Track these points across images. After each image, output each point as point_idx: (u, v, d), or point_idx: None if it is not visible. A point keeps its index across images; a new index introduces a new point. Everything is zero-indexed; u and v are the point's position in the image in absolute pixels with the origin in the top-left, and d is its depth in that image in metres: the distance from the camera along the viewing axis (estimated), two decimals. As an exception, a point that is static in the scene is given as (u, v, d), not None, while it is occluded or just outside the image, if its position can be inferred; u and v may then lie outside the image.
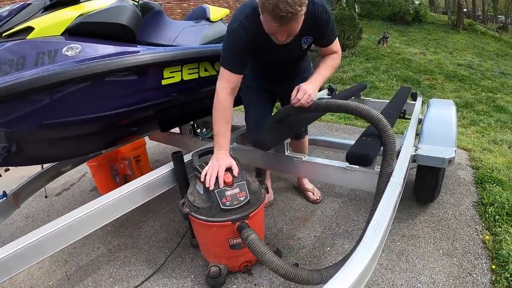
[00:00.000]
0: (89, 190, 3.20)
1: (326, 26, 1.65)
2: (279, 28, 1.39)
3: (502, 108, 6.46)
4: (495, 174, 2.91)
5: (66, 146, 1.78)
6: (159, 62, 1.75)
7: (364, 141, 1.62)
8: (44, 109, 1.47)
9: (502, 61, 14.83)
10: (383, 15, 21.77)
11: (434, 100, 2.79)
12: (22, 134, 1.50)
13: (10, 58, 1.41)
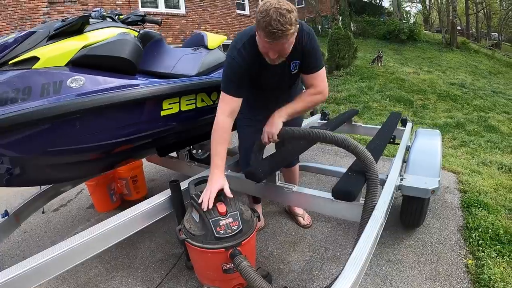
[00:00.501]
0: (86, 208, 3.25)
1: (313, 52, 1.78)
2: (271, 45, 1.54)
3: (493, 128, 6.54)
4: (482, 197, 3.00)
5: (68, 170, 1.86)
6: (159, 95, 1.85)
7: (350, 176, 1.72)
8: (50, 137, 1.55)
9: (494, 79, 15.07)
10: (378, 33, 22.11)
11: (421, 129, 2.89)
12: (27, 159, 1.57)
13: (16, 87, 1.47)
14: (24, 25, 8.40)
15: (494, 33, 39.20)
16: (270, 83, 1.93)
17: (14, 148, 1.51)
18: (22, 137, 1.48)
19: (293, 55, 1.72)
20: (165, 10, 11.90)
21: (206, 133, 2.61)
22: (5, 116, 1.39)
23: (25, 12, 8.46)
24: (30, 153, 1.55)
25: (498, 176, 3.68)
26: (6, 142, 1.47)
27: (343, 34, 11.15)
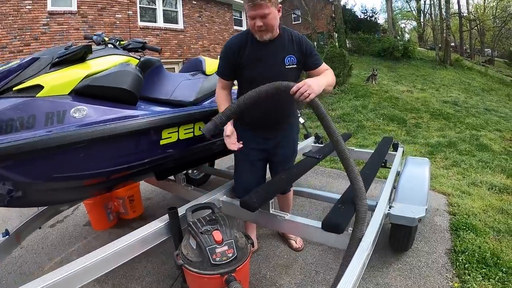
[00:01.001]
0: (82, 225, 3.31)
1: (308, 45, 2.01)
2: (254, 11, 1.76)
3: (485, 146, 6.59)
4: (471, 219, 3.08)
5: (69, 193, 1.95)
6: (158, 125, 1.94)
7: (339, 209, 1.81)
8: (54, 164, 1.61)
9: (487, 96, 15.24)
10: (373, 51, 22.35)
11: (411, 158, 2.98)
12: (31, 184, 1.63)
13: (21, 115, 1.53)
14: (23, 35, 8.49)
15: (487, 49, 39.77)
16: (260, 72, 1.97)
17: (19, 174, 1.56)
18: (27, 163, 1.54)
19: (287, 48, 1.95)
20: (163, 25, 12.09)
21: (203, 158, 2.71)
22: (11, 144, 1.44)
23: (25, 22, 8.54)
24: (34, 179, 1.61)
25: (488, 197, 3.75)
26: (11, 168, 1.53)
27: (338, 52, 11.36)
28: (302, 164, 2.57)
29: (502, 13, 34.38)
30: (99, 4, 10.14)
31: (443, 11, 24.81)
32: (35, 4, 8.70)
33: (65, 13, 9.34)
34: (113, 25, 10.47)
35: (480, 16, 35.70)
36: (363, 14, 30.49)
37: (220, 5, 14.58)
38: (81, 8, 9.71)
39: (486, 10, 37.30)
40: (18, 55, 8.29)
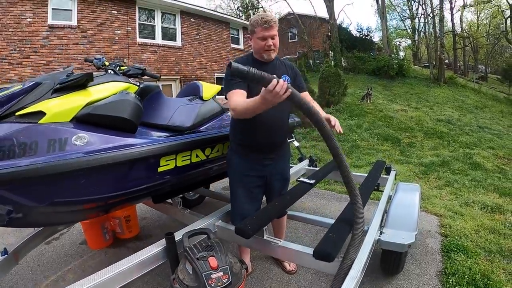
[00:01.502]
0: (78, 243, 3.33)
1: (295, 69, 2.30)
2: (267, 32, 2.01)
3: (478, 165, 6.66)
4: (462, 241, 3.12)
5: (68, 216, 2.00)
6: (157, 154, 2.00)
7: (330, 237, 1.86)
8: (55, 190, 1.66)
9: (480, 113, 15.44)
10: (368, 69, 22.63)
11: (402, 184, 3.03)
12: (33, 207, 1.68)
13: (24, 141, 1.58)
14: (23, 47, 8.58)
15: (481, 65, 40.23)
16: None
17: (21, 198, 1.61)
18: (29, 188, 1.59)
19: (283, 69, 2.21)
20: (161, 42, 12.23)
21: (199, 182, 2.76)
22: (14, 170, 1.49)
23: (25, 34, 8.65)
24: (36, 203, 1.66)
25: (480, 217, 3.80)
26: (14, 192, 1.58)
27: (334, 72, 11.55)
28: (296, 190, 2.63)
29: (495, 30, 35.09)
30: (99, 19, 10.30)
31: (437, 29, 25.22)
32: (35, 17, 8.84)
33: (65, 27, 9.49)
34: (112, 40, 10.61)
35: (474, 33, 36.21)
36: (358, 32, 31.12)
37: (218, 23, 14.80)
38: (81, 23, 9.87)
39: (479, 28, 37.87)
40: (17, 67, 8.44)
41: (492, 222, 3.65)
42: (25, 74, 8.58)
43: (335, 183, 5.06)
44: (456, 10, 34.69)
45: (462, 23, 37.65)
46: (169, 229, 2.11)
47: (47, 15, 9.11)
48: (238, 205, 2.30)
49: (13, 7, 8.45)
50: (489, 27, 36.77)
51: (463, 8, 34.30)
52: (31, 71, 8.71)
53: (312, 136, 9.14)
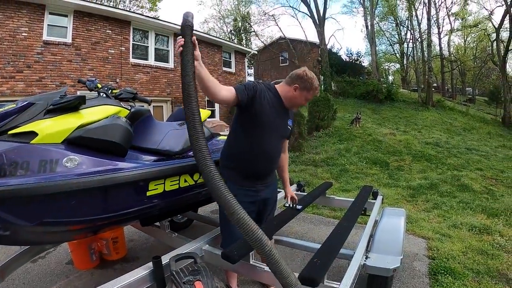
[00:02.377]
0: (65, 263, 3.29)
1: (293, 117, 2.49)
2: (310, 94, 2.27)
3: (466, 187, 6.70)
4: (450, 263, 3.14)
5: (57, 236, 1.99)
6: (146, 178, 2.03)
7: (315, 263, 1.89)
8: (44, 210, 1.67)
9: (468, 135, 15.64)
10: (358, 93, 22.94)
11: (388, 208, 3.07)
12: (22, 226, 1.68)
13: (15, 160, 1.62)
14: (17, 61, 8.58)
15: (469, 88, 41.06)
16: (275, 125, 2.25)
17: (10, 216, 1.61)
18: (19, 207, 1.60)
19: (290, 114, 2.43)
20: (154, 63, 12.33)
21: (187, 206, 2.77)
22: (3, 188, 1.51)
23: (20, 48, 8.67)
24: (25, 222, 1.66)
25: (468, 239, 3.83)
26: (3, 210, 1.57)
27: (323, 96, 11.73)
28: (284, 215, 2.65)
29: (481, 53, 35.96)
30: (93, 38, 10.39)
31: (425, 53, 25.86)
32: (31, 32, 8.90)
33: (59, 44, 9.54)
34: (105, 59, 10.66)
35: (461, 57, 36.97)
36: (348, 57, 31.65)
37: (210, 46, 14.99)
38: (76, 40, 9.93)
39: (466, 51, 38.73)
40: (10, 80, 8.44)
41: (480, 243, 3.69)
42: (17, 88, 8.58)
43: (323, 207, 5.07)
44: (444, 35, 35.63)
45: (449, 47, 38.68)
46: (157, 252, 2.12)
47: (43, 30, 9.18)
48: (230, 230, 2.28)
49: (9, 21, 8.52)
50: (476, 51, 37.72)
51: (450, 33, 35.37)
52: (23, 86, 8.71)
53: (301, 160, 9.21)
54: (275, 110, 2.20)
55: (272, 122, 2.20)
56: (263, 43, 32.80)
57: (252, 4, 33.79)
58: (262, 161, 2.24)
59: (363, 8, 30.22)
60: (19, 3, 8.69)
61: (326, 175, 7.80)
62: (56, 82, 9.34)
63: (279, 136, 2.35)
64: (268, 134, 2.21)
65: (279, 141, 2.38)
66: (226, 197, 1.58)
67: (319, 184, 4.04)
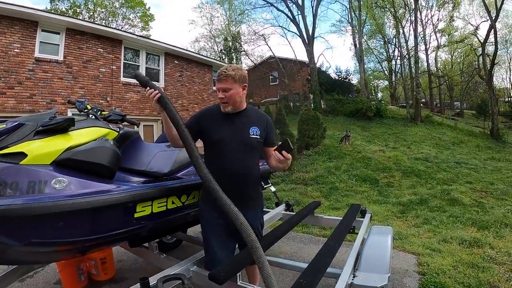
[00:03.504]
0: (53, 283, 3.28)
1: (270, 123, 2.31)
2: (218, 85, 2.13)
3: (455, 200, 6.77)
4: (441, 277, 3.17)
5: (44, 256, 2.00)
6: (133, 200, 2.05)
7: (301, 283, 1.90)
8: (32, 230, 1.68)
9: (457, 149, 15.81)
10: (347, 111, 23.13)
11: (375, 227, 3.08)
12: (9, 246, 1.68)
13: (3, 181, 1.64)
14: (8, 77, 8.55)
15: (457, 102, 41.92)
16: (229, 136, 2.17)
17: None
18: (7, 227, 1.61)
19: (252, 120, 2.22)
20: (145, 82, 12.29)
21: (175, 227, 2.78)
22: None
23: (12, 64, 8.65)
24: (12, 242, 1.67)
25: (458, 253, 3.85)
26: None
27: (313, 115, 11.79)
28: (271, 235, 2.66)
29: (468, 68, 36.87)
30: (85, 56, 10.42)
31: (413, 70, 26.29)
32: (23, 48, 8.92)
33: (51, 61, 9.55)
34: (96, 78, 10.66)
35: (448, 72, 37.79)
36: (337, 75, 31.91)
37: (201, 65, 15.11)
38: (67, 58, 9.95)
39: (453, 66, 39.66)
40: (1, 97, 8.40)
41: (470, 256, 3.71)
42: (8, 104, 8.55)
43: (313, 226, 5.06)
44: (431, 51, 36.28)
45: (437, 63, 39.54)
46: (145, 273, 2.13)
47: (35, 47, 9.20)
48: (210, 251, 2.26)
49: (1, 36, 8.54)
50: (462, 65, 38.66)
51: (437, 49, 36.05)
52: (14, 102, 8.68)
53: (291, 179, 9.21)
54: (226, 123, 2.20)
55: (225, 133, 2.18)
56: (253, 62, 33.20)
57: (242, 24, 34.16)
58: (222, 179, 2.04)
59: (351, 27, 30.90)
60: (12, 19, 8.74)
61: (316, 193, 7.81)
62: (47, 99, 9.33)
63: (241, 148, 2.18)
64: (226, 149, 2.17)
65: (245, 153, 2.19)
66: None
67: (309, 203, 4.06)
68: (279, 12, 28.61)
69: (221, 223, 2.21)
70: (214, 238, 2.26)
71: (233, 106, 2.17)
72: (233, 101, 2.15)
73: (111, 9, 34.62)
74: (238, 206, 1.99)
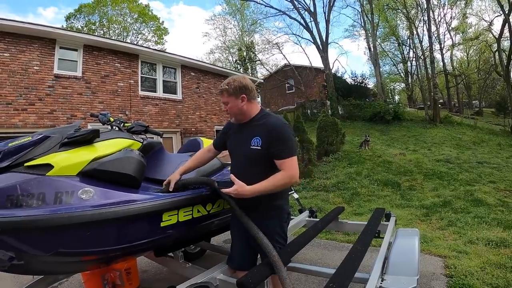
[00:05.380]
0: (78, 293, 3.25)
1: (276, 134, 2.07)
2: (221, 99, 2.19)
3: (479, 201, 6.62)
4: (468, 279, 3.10)
5: (71, 266, 2.04)
6: (159, 209, 2.06)
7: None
8: (59, 240, 1.71)
9: (478, 148, 15.51)
10: (365, 116, 23.03)
11: (401, 229, 3.05)
12: (37, 256, 1.72)
13: (31, 192, 1.67)
14: (29, 94, 8.73)
15: (475, 101, 41.00)
16: (233, 146, 2.30)
17: (25, 246, 1.66)
18: (35, 238, 1.65)
19: (255, 130, 2.14)
20: (163, 95, 12.43)
21: (201, 236, 2.78)
22: (20, 219, 1.57)
23: (32, 81, 8.83)
24: (39, 252, 1.70)
25: (485, 254, 3.77)
26: (19, 240, 1.63)
27: (331, 121, 11.79)
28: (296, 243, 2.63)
29: (485, 65, 35.90)
30: (103, 71, 10.58)
31: (429, 70, 25.92)
32: (42, 66, 9.10)
33: (70, 77, 9.72)
34: (115, 92, 10.82)
35: (465, 70, 36.96)
36: (353, 80, 31.95)
37: (217, 76, 15.10)
38: (86, 74, 10.12)
39: (470, 64, 38.70)
40: (22, 113, 8.57)
41: (497, 257, 3.64)
42: (29, 120, 8.71)
43: (336, 232, 5.02)
44: (446, 50, 35.71)
45: (452, 62, 38.86)
46: (170, 283, 2.13)
47: (53, 64, 9.38)
48: (234, 245, 2.36)
49: (21, 55, 8.74)
50: (479, 63, 37.62)
51: (452, 47, 35.55)
52: (35, 118, 8.83)
53: (312, 186, 9.17)
54: (234, 133, 2.30)
55: (233, 144, 2.32)
56: (269, 71, 33.41)
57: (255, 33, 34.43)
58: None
59: (364, 30, 30.76)
60: (31, 37, 8.94)
61: (337, 199, 7.75)
62: (67, 114, 9.50)
63: (241, 158, 2.22)
64: (232, 157, 2.35)
65: (245, 163, 2.19)
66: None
67: (331, 209, 4.02)
68: (292, 19, 28.74)
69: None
70: (237, 232, 2.33)
71: (235, 118, 2.25)
72: (234, 113, 2.20)
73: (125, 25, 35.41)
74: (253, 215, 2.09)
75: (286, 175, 2.04)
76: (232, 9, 33.42)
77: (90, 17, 34.83)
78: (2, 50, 8.44)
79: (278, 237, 2.25)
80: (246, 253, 2.29)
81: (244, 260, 2.28)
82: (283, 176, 2.03)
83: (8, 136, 2.13)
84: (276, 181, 2.03)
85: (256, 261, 2.29)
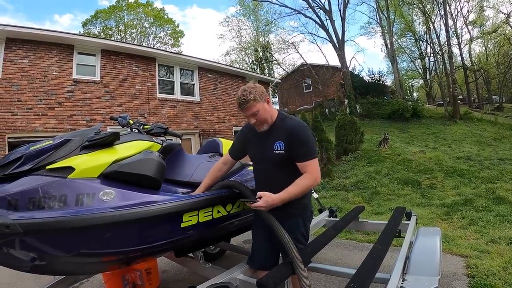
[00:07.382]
0: (98, 294, 3.30)
1: (296, 136, 2.10)
2: (244, 113, 2.12)
3: (501, 199, 6.45)
4: (490, 280, 3.04)
5: (92, 266, 2.08)
6: (180, 210, 2.08)
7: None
8: (81, 241, 1.75)
9: (500, 145, 15.10)
10: (383, 113, 22.74)
11: (423, 228, 3.01)
12: (59, 257, 1.76)
13: (53, 194, 1.71)
14: (49, 99, 8.96)
15: (495, 96, 40.01)
16: (256, 153, 2.30)
17: (47, 247, 1.70)
18: (57, 238, 1.68)
19: (277, 135, 2.15)
20: (180, 97, 12.56)
21: (221, 237, 2.79)
22: (42, 220, 1.60)
23: (51, 87, 9.07)
24: (61, 253, 1.74)
25: (507, 253, 3.68)
26: (41, 241, 1.67)
27: (349, 120, 11.70)
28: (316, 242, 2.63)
29: (504, 59, 34.90)
30: (121, 75, 10.77)
31: (447, 66, 25.41)
32: (61, 71, 9.35)
33: (88, 82, 9.94)
34: (133, 95, 10.99)
35: (484, 65, 35.59)
36: (370, 78, 31.48)
37: (234, 77, 15.19)
38: (104, 78, 10.33)
39: (488, 58, 37.49)
40: (42, 117, 8.81)
41: (520, 257, 3.53)
42: (49, 125, 8.93)
43: (356, 232, 4.98)
44: (464, 44, 34.64)
45: (471, 56, 37.94)
46: (190, 283, 2.16)
47: (72, 69, 9.61)
48: (255, 245, 2.38)
49: (40, 61, 8.98)
50: (498, 57, 36.56)
51: (470, 42, 34.59)
52: (55, 122, 9.05)
53: (331, 186, 9.12)
54: (254, 138, 2.30)
55: (255, 150, 2.32)
56: (286, 71, 33.23)
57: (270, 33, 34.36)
58: (257, 188, 2.31)
59: (380, 27, 30.33)
60: (49, 44, 9.19)
61: (357, 199, 7.68)
62: (87, 118, 9.69)
63: (264, 162, 2.24)
64: (255, 163, 2.37)
65: (267, 167, 2.22)
66: None
67: (351, 208, 3.99)
68: (307, 18, 28.58)
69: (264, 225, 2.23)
70: (256, 233, 2.37)
71: (265, 124, 2.18)
72: (265, 119, 2.14)
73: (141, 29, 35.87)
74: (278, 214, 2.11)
75: (310, 178, 2.09)
76: (246, 10, 33.44)
77: (107, 23, 35.48)
78: (22, 57, 8.70)
79: (300, 236, 2.27)
80: (268, 253, 2.32)
81: (265, 260, 2.29)
82: (307, 179, 2.08)
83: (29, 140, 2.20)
84: (302, 185, 2.08)
85: (277, 262, 2.30)
